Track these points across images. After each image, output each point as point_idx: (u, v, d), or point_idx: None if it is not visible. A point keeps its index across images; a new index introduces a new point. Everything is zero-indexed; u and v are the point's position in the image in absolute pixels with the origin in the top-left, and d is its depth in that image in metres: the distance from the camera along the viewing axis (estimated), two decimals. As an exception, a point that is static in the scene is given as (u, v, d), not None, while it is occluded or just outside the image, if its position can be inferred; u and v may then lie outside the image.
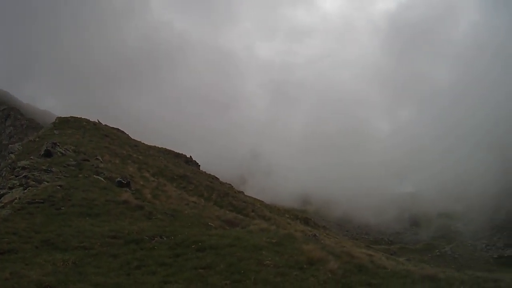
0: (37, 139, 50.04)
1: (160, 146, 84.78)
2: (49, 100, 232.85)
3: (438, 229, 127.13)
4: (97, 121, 75.96)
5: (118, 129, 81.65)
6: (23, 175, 30.25)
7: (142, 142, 79.38)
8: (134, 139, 78.72)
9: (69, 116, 70.17)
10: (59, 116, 73.16)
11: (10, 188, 28.19)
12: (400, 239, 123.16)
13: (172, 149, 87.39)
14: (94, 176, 33.18)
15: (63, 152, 39.39)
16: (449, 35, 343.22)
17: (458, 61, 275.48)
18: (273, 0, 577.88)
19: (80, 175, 32.63)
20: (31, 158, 35.37)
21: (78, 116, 71.45)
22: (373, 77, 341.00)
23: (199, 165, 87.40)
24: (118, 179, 33.59)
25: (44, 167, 32.19)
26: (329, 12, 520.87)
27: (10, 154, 46.80)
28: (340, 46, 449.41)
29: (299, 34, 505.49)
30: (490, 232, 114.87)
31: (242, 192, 79.51)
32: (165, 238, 20.56)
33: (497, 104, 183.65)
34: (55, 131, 58.95)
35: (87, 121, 71.55)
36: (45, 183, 28.75)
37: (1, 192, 28.24)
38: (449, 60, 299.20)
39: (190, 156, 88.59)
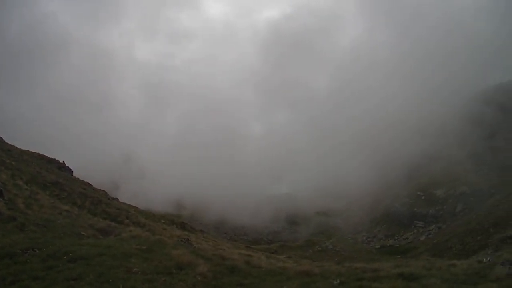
0: None
1: (33, 151, 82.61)
2: None
3: (317, 226, 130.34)
4: (-29, 124, 73.42)
5: (-9, 132, 79.26)
6: None
7: (15, 146, 77.28)
8: (7, 143, 76.58)
9: None
10: None
11: None
12: (280, 238, 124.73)
13: (45, 154, 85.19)
14: (-32, 185, 32.56)
15: None
16: (330, 46, 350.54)
17: (336, 71, 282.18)
18: (159, 1, 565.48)
19: (-47, 185, 31.85)
20: None
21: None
22: (250, 82, 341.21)
23: (72, 171, 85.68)
24: (-10, 188, 33.02)
25: None
26: (212, 17, 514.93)
27: None
28: (220, 51, 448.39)
29: (180, 37, 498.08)
30: (369, 225, 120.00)
31: (116, 199, 78.69)
32: (37, 251, 20.36)
33: (373, 107, 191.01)
34: None
35: (-39, 123, 69.33)
36: None
37: None
38: (327, 69, 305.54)
39: (63, 162, 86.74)
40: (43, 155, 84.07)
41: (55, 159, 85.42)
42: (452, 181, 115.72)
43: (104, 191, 76.59)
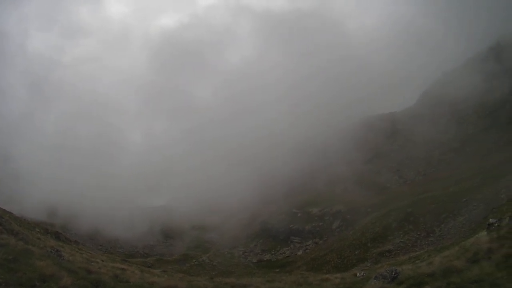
0: None
1: None
2: None
3: (193, 240, 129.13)
4: None
5: None
6: None
7: None
8: None
9: None
10: None
11: None
12: (155, 252, 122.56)
13: None
14: None
15: None
16: (221, 61, 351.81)
17: (223, 86, 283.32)
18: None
19: None
20: None
21: None
22: (136, 90, 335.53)
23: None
24: None
25: None
26: (110, 16, 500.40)
27: None
28: (110, 54, 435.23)
29: (75, 32, 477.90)
30: (246, 240, 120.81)
31: (-7, 203, 75.29)
32: None
33: (257, 124, 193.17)
34: None
35: None
36: None
37: None
38: (214, 84, 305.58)
39: None
40: None
41: None
42: (329, 200, 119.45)
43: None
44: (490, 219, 35.22)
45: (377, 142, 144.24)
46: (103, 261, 48.30)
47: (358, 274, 33.94)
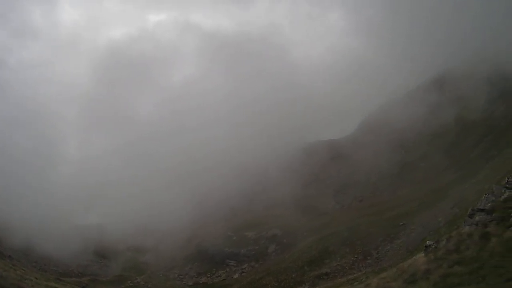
0: None
1: None
2: None
3: (128, 261, 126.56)
4: None
5: None
6: None
7: None
8: None
9: None
10: None
11: None
12: (90, 271, 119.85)
13: None
14: None
15: None
16: (163, 78, 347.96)
17: (164, 103, 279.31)
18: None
19: None
20: None
21: None
22: (75, 100, 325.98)
23: None
24: None
25: None
26: (62, 22, 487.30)
27: None
28: (56, 59, 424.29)
29: (25, 33, 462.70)
30: (181, 262, 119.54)
31: None
32: None
33: (197, 143, 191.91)
34: None
35: None
36: None
37: None
38: (156, 100, 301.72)
39: None
40: None
41: None
42: (266, 223, 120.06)
43: None
44: (428, 241, 35.42)
45: (316, 167, 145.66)
46: (36, 278, 47.17)
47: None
